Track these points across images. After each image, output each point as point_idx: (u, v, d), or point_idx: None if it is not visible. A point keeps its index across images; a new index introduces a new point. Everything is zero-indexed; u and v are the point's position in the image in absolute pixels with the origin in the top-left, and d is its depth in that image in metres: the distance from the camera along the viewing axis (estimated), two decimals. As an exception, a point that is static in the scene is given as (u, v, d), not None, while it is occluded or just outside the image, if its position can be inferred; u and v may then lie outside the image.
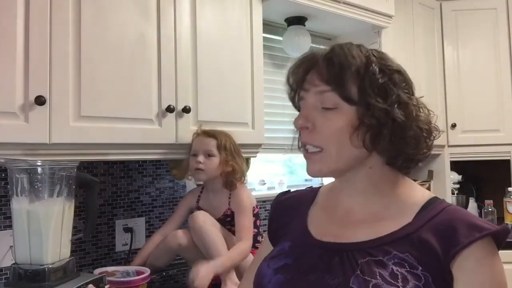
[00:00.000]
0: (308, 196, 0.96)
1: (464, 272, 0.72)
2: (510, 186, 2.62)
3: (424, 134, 0.81)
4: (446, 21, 2.76)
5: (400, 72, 0.82)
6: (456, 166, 2.86)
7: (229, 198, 1.62)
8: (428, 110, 0.83)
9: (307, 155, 0.83)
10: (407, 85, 0.82)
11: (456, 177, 2.87)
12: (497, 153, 2.67)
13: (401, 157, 0.81)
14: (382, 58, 0.81)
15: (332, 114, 0.79)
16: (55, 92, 1.31)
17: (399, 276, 0.72)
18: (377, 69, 0.78)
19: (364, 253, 0.76)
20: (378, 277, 0.72)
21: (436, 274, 0.72)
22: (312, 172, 0.82)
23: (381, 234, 0.78)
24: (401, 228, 0.78)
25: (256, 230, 1.65)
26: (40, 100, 1.26)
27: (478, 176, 3.00)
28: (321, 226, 0.87)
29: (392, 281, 0.71)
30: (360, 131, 0.78)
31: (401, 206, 0.81)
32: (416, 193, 0.84)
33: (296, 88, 0.85)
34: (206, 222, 1.50)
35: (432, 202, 0.81)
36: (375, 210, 0.83)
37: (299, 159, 2.54)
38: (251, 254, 1.53)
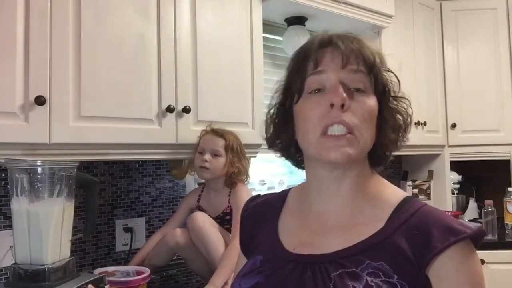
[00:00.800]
0: (277, 201, 0.90)
1: (441, 278, 0.69)
2: (510, 186, 2.62)
3: (405, 127, 0.82)
4: (446, 21, 2.76)
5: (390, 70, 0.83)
6: (456, 166, 2.86)
7: (229, 195, 1.62)
8: (406, 99, 0.84)
9: (332, 137, 0.73)
10: (396, 80, 0.84)
11: (456, 177, 2.87)
12: (497, 153, 2.67)
13: (385, 152, 0.81)
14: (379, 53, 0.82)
15: (364, 96, 0.75)
16: (55, 92, 1.31)
17: (374, 287, 0.68)
18: (387, 68, 0.80)
19: (336, 265, 0.72)
20: None
21: (413, 281, 0.69)
22: (341, 156, 0.73)
23: (354, 241, 0.74)
24: (374, 234, 0.74)
25: None
26: (40, 100, 1.26)
27: (478, 176, 3.00)
28: (293, 234, 0.82)
29: None
30: (380, 121, 0.77)
31: (375, 209, 0.78)
32: (389, 193, 0.80)
33: (315, 61, 0.77)
34: (205, 223, 1.50)
35: (406, 202, 0.77)
36: (350, 213, 0.78)
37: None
38: None
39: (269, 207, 0.90)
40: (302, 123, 0.78)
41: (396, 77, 0.81)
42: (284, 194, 0.92)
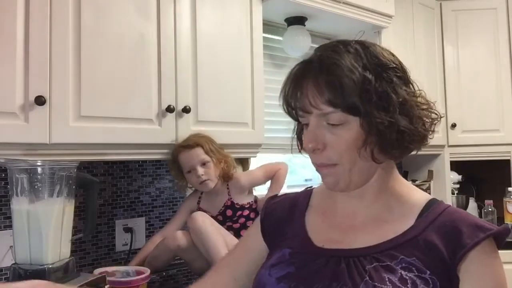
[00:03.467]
0: (301, 200, 0.93)
1: (470, 274, 0.72)
2: (510, 186, 2.62)
3: (427, 126, 0.80)
4: (446, 21, 2.76)
5: (394, 65, 0.78)
6: (456, 166, 2.86)
7: (228, 188, 1.65)
8: (425, 97, 0.82)
9: (321, 169, 0.80)
10: (403, 76, 0.79)
11: (456, 177, 2.87)
12: (497, 153, 2.67)
13: (406, 153, 0.81)
14: (373, 57, 0.77)
15: (340, 129, 0.77)
16: (55, 92, 1.31)
17: (408, 281, 0.70)
18: (373, 77, 0.75)
19: (370, 259, 0.75)
20: (388, 283, 0.70)
21: (443, 277, 0.72)
22: (330, 185, 0.80)
23: (385, 238, 0.77)
24: (405, 232, 0.76)
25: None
26: (40, 100, 1.26)
27: (478, 176, 3.00)
28: (321, 232, 0.84)
29: (402, 286, 0.70)
30: (368, 143, 0.76)
31: (403, 208, 0.80)
32: (416, 195, 0.83)
33: (295, 108, 0.82)
34: (205, 223, 1.50)
35: (432, 203, 0.80)
36: (378, 213, 0.81)
37: (299, 159, 2.53)
38: None
39: (293, 205, 0.92)
40: None
41: (400, 69, 0.79)
42: (307, 193, 0.94)
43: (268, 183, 1.78)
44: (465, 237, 0.73)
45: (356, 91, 0.74)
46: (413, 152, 0.81)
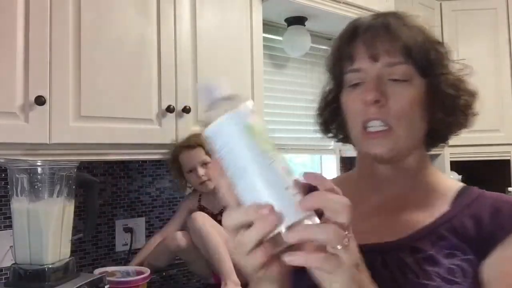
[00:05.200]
0: None
1: (509, 257, 0.66)
2: (510, 186, 2.62)
3: (466, 105, 0.76)
4: (446, 21, 2.75)
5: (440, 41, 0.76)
6: (456, 166, 2.86)
7: None
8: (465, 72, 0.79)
9: (371, 134, 0.71)
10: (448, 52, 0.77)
11: (456, 177, 2.87)
12: (497, 153, 2.67)
13: (440, 135, 0.77)
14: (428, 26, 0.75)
15: (403, 87, 0.70)
16: (55, 92, 1.31)
17: (455, 270, 0.65)
18: (436, 40, 0.74)
19: (410, 250, 0.67)
20: (435, 277, 0.64)
21: (484, 259, 0.66)
22: (381, 151, 0.71)
23: (422, 224, 0.70)
24: (441, 216, 0.71)
25: None
26: (40, 100, 1.26)
27: (478, 176, 2.99)
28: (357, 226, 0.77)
29: (452, 278, 0.64)
30: (430, 109, 0.71)
31: (437, 193, 0.75)
32: (448, 181, 0.79)
33: (349, 58, 0.73)
34: (205, 223, 1.50)
35: (466, 189, 0.76)
36: (412, 199, 0.74)
37: (299, 159, 2.54)
38: None
39: None
40: (346, 115, 0.76)
41: (447, 51, 0.76)
42: None
43: None
44: (505, 219, 0.68)
45: (431, 48, 0.71)
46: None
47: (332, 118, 0.82)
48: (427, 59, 0.71)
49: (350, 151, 1.61)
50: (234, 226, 0.50)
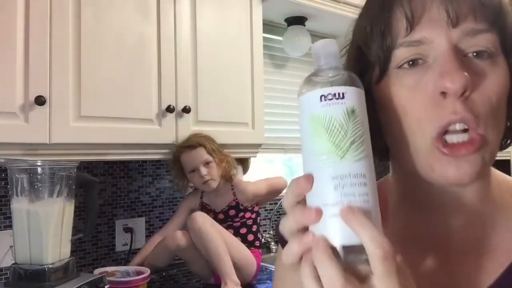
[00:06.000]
0: None
1: None
2: (510, 186, 2.61)
3: None
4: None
5: None
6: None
7: (232, 189, 1.66)
8: None
9: (455, 148, 0.45)
10: None
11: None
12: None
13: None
14: None
15: (487, 67, 0.45)
16: (55, 92, 1.31)
17: None
18: None
19: None
20: None
21: None
22: (471, 175, 0.45)
23: (496, 274, 0.49)
24: None
25: (256, 227, 1.67)
26: (40, 100, 1.26)
27: (478, 176, 2.99)
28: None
29: None
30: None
31: (509, 222, 0.52)
32: None
33: (407, 22, 0.46)
34: (205, 223, 1.50)
35: None
36: (480, 234, 0.52)
37: (298, 159, 2.54)
38: (247, 252, 1.56)
39: None
40: (394, 118, 0.48)
41: None
42: None
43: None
44: None
45: (504, 15, 0.48)
46: None
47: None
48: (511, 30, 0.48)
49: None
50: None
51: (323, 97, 0.41)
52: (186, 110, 1.57)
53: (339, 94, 0.41)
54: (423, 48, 0.46)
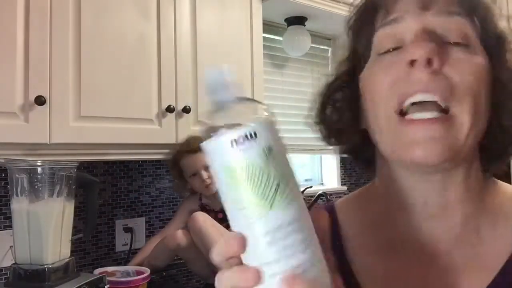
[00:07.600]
0: (320, 224, 0.41)
1: None
2: (510, 186, 2.61)
3: None
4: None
5: None
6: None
7: None
8: None
9: (416, 122, 0.44)
10: None
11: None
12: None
13: (506, 144, 0.52)
14: None
15: (465, 53, 0.46)
16: (55, 92, 1.31)
17: None
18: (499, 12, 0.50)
19: None
20: None
21: None
22: (433, 154, 0.43)
23: (485, 281, 0.47)
24: (504, 266, 0.48)
25: None
26: (40, 100, 1.26)
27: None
28: (380, 282, 0.51)
29: None
30: (498, 93, 0.47)
31: (496, 227, 0.50)
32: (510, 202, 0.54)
33: (384, 8, 0.49)
34: (206, 223, 1.50)
35: None
36: (464, 240, 0.50)
37: (298, 159, 2.54)
38: None
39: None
40: (368, 99, 0.49)
41: None
42: (327, 211, 0.45)
43: None
44: None
45: (487, 13, 0.49)
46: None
47: (340, 115, 0.54)
48: (492, 23, 0.49)
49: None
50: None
51: (234, 142, 0.36)
52: (186, 110, 1.57)
53: (251, 134, 0.36)
54: (398, 29, 0.47)
